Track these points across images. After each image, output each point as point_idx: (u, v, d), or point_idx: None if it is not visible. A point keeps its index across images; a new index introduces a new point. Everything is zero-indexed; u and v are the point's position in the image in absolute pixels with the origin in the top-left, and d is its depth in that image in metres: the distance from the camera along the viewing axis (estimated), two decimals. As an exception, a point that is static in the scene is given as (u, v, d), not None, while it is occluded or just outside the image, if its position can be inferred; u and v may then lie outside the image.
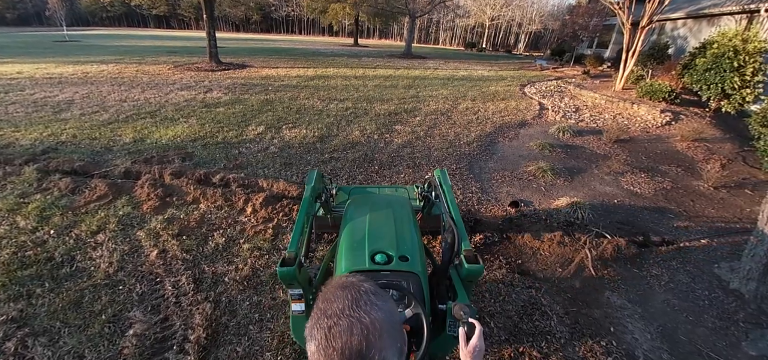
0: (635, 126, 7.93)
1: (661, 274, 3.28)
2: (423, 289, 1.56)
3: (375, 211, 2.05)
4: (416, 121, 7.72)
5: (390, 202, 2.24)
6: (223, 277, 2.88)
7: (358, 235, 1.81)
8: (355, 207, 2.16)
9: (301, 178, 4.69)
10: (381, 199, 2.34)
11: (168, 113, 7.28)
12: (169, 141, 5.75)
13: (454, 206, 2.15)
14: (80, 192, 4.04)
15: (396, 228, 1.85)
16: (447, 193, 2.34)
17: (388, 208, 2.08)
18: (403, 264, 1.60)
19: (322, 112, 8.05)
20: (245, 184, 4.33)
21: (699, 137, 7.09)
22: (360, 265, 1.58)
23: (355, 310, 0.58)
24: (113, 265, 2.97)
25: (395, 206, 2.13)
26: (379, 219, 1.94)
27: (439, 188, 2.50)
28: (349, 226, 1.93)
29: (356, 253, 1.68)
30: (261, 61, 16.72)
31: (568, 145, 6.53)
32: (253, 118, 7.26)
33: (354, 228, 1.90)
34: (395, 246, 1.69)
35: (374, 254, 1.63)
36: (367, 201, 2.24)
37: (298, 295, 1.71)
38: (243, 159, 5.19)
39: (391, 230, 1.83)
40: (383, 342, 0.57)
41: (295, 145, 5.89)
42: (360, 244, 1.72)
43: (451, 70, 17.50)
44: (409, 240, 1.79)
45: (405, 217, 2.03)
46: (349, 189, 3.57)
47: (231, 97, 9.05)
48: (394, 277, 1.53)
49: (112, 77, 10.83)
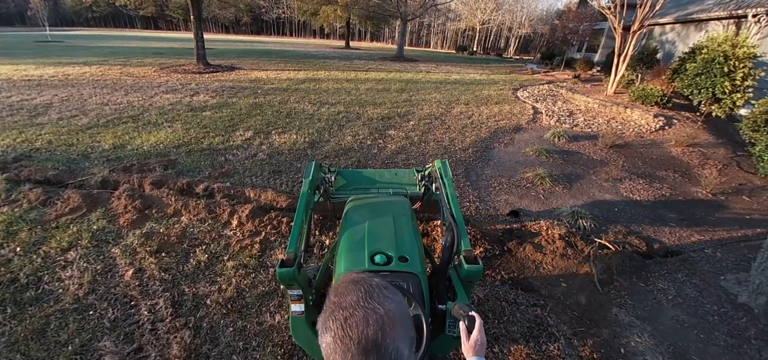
0: (630, 131, 7.89)
1: (668, 287, 3.15)
2: (422, 290, 1.56)
3: (375, 212, 2.04)
4: (410, 125, 7.55)
5: (390, 203, 2.23)
6: (204, 300, 2.65)
7: (358, 236, 1.80)
8: (355, 209, 2.14)
9: (291, 186, 4.47)
10: (381, 199, 2.34)
11: (151, 118, 6.98)
12: (151, 147, 5.47)
13: (454, 202, 2.15)
14: (52, 204, 3.76)
15: (395, 229, 1.85)
16: (448, 187, 2.31)
17: (388, 210, 2.08)
18: (403, 265, 1.59)
19: (313, 116, 7.83)
20: (231, 194, 4.10)
21: (693, 142, 7.07)
22: (359, 266, 1.58)
23: (369, 301, 0.61)
24: (83, 286, 2.72)
25: (395, 207, 2.12)
26: (378, 220, 1.94)
27: (439, 180, 2.46)
28: (349, 228, 1.91)
29: (356, 253, 1.68)
30: (250, 64, 16.41)
31: (564, 151, 6.43)
32: (240, 122, 7.01)
33: (354, 229, 1.88)
34: (395, 247, 1.69)
35: (374, 255, 1.63)
36: (367, 202, 2.23)
37: (297, 296, 1.69)
38: (229, 167, 4.94)
39: (391, 231, 1.83)
40: (397, 332, 0.60)
41: (285, 151, 5.66)
42: (359, 245, 1.72)
43: (443, 74, 17.42)
44: (408, 241, 1.79)
45: (404, 218, 2.02)
46: (348, 173, 3.52)
47: (218, 100, 8.77)
48: (394, 278, 1.50)
49: (94, 79, 10.44)
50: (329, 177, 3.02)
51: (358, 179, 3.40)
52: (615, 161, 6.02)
